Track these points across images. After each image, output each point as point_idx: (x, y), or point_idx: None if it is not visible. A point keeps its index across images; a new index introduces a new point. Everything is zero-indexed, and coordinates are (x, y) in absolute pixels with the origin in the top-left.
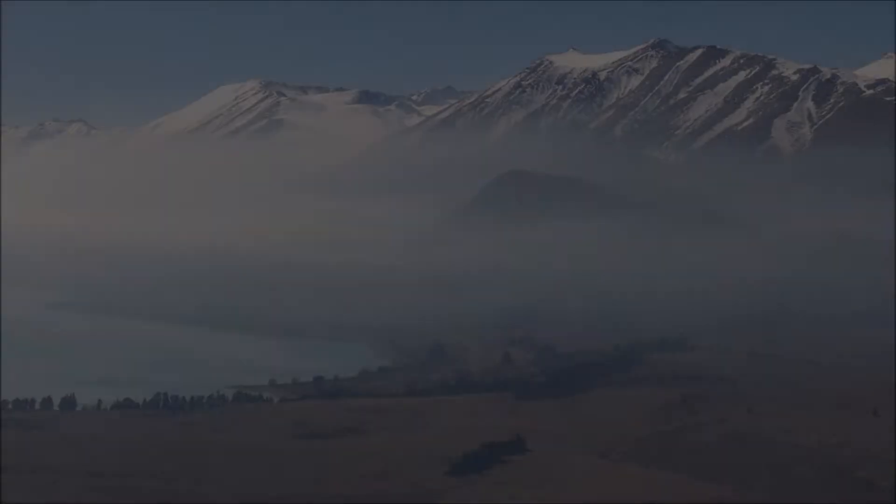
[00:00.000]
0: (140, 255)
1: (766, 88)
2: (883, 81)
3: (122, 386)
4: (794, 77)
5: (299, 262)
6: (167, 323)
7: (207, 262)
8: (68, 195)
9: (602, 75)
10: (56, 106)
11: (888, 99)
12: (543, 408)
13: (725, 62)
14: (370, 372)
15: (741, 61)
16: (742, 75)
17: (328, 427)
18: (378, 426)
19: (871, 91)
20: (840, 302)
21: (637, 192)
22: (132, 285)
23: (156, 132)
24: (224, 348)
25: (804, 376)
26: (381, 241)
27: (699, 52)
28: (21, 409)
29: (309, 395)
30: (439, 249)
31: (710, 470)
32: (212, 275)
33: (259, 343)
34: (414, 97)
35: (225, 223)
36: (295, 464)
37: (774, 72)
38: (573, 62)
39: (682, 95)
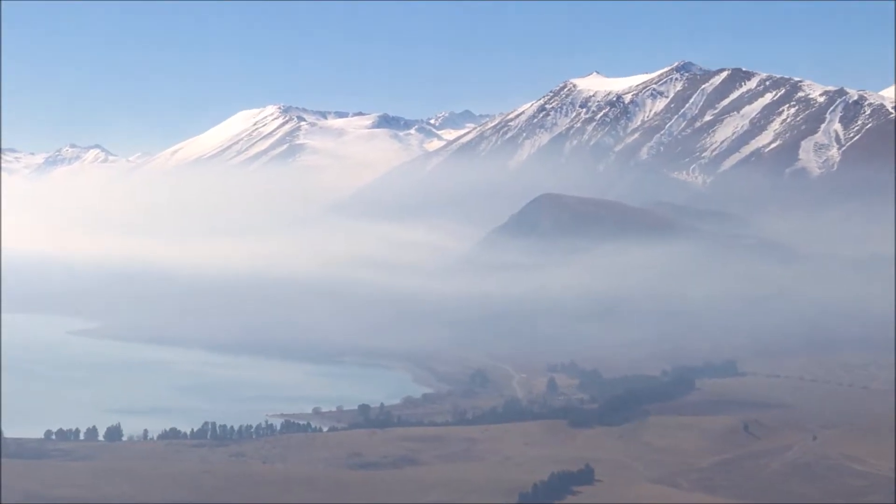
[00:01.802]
0: (166, 280)
1: (793, 110)
2: None
3: (158, 414)
4: (821, 99)
5: (331, 286)
6: (201, 350)
7: (237, 288)
8: (89, 221)
9: (626, 98)
10: (73, 132)
11: None
12: (600, 435)
13: (751, 84)
14: (414, 399)
15: (767, 83)
16: (768, 97)
17: (382, 457)
18: (433, 455)
19: None
20: (879, 325)
21: (670, 215)
22: (160, 312)
23: (174, 158)
24: (262, 375)
25: (858, 401)
26: (415, 265)
27: (724, 74)
28: (65, 439)
29: (357, 424)
30: (475, 274)
31: (780, 499)
32: (243, 301)
33: (296, 370)
34: (432, 121)
35: (253, 248)
36: (355, 496)
37: (801, 94)
38: (596, 85)
39: (707, 118)
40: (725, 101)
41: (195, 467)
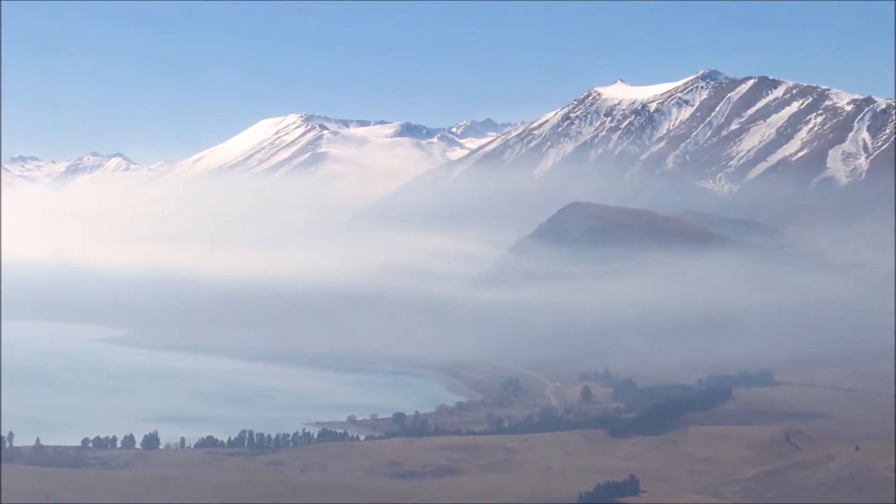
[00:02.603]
0: (192, 289)
1: (820, 119)
2: None
3: (193, 423)
4: (849, 108)
5: (359, 294)
6: (230, 358)
7: (264, 297)
8: (113, 229)
9: (651, 107)
10: (94, 140)
11: None
12: (640, 445)
13: (778, 93)
14: (448, 408)
15: (794, 92)
16: (795, 106)
17: (422, 466)
18: (473, 465)
19: None
20: None
21: (701, 224)
22: (187, 320)
23: (196, 166)
24: (294, 384)
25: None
26: (444, 274)
27: (751, 82)
28: (102, 447)
29: (393, 432)
30: (504, 282)
31: None
32: (271, 309)
33: (327, 378)
34: (454, 129)
35: (280, 257)
36: None
37: (828, 102)
38: (621, 94)
39: (734, 126)
40: (752, 110)
41: (237, 476)
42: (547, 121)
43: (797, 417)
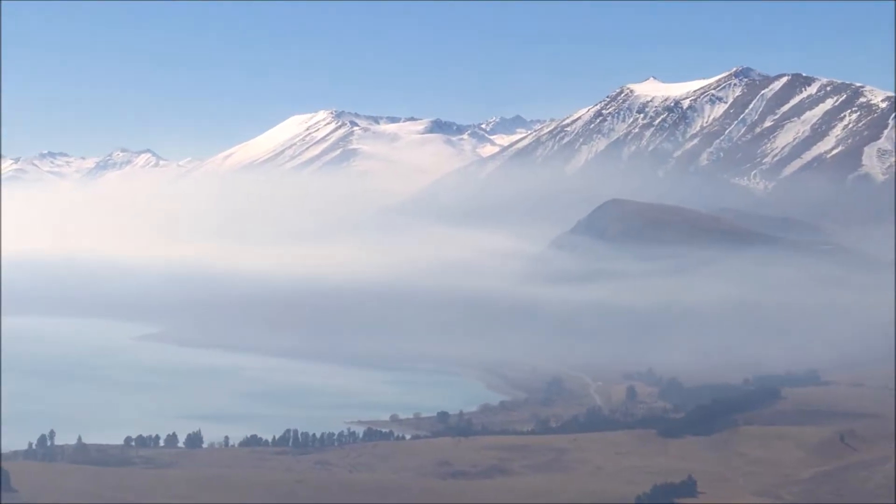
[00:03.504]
0: (226, 286)
1: (855, 116)
2: None
3: (234, 421)
4: (883, 105)
5: (394, 291)
6: (267, 356)
7: (299, 294)
8: (144, 225)
9: (685, 104)
10: (124, 137)
11: None
12: (692, 445)
13: (811, 90)
14: (492, 406)
15: (828, 89)
16: (829, 103)
17: (472, 466)
18: (523, 465)
19: None
20: None
21: (739, 221)
22: (222, 317)
23: (226, 163)
24: (333, 382)
25: None
26: (480, 270)
27: (784, 79)
28: (145, 446)
29: (439, 432)
30: (542, 279)
31: None
32: (306, 306)
33: (366, 376)
34: (483, 126)
35: (314, 253)
36: None
37: (862, 99)
38: (653, 90)
39: (767, 123)
40: (786, 107)
41: (286, 476)
42: (579, 118)
43: (849, 418)
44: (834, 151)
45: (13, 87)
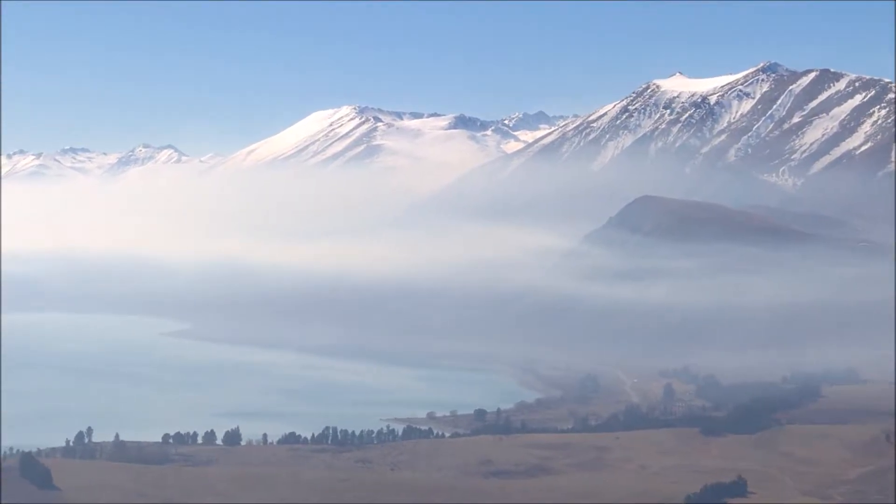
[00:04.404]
0: (254, 282)
1: (884, 112)
2: None
3: (270, 418)
4: None
5: (425, 287)
6: (298, 353)
7: (328, 290)
8: (170, 221)
9: (711, 99)
10: (146, 132)
11: None
12: (735, 444)
13: (840, 85)
14: (528, 404)
15: (856, 84)
16: (858, 99)
17: (515, 465)
18: (565, 464)
19: None
20: None
21: (771, 218)
22: (250, 314)
23: (250, 158)
24: (366, 379)
25: None
26: (512, 266)
27: (812, 75)
28: (183, 443)
29: (478, 429)
30: (574, 276)
31: None
32: (335, 303)
33: (399, 373)
34: (506, 121)
35: (341, 249)
36: None
37: (891, 95)
38: (680, 86)
39: (796, 119)
40: (814, 103)
41: (329, 475)
42: (605, 113)
43: (890, 416)
44: (863, 148)
45: (36, 82)
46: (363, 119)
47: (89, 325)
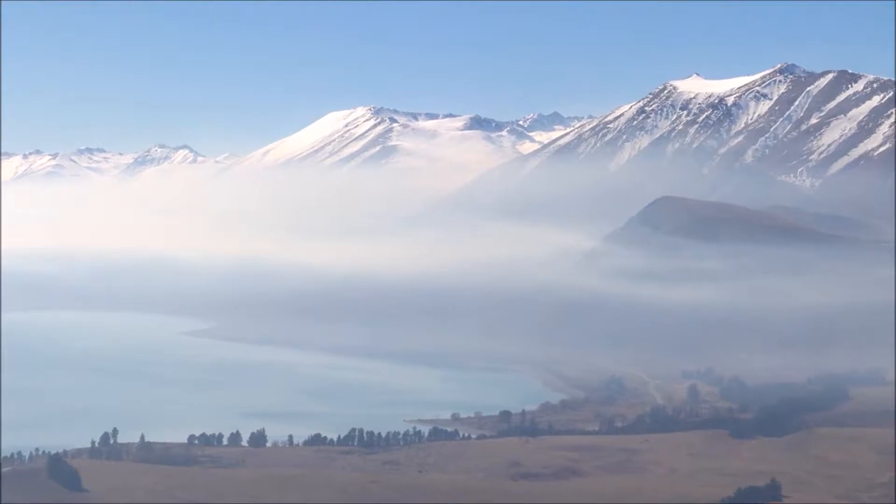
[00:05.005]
0: (273, 282)
1: None
2: None
3: (295, 419)
4: None
5: (445, 287)
6: (319, 353)
7: (347, 290)
8: (189, 221)
9: (729, 100)
10: (161, 132)
11: None
12: (765, 447)
13: (858, 87)
14: (553, 405)
15: (874, 86)
16: (876, 100)
17: (543, 467)
18: (594, 466)
19: None
20: None
21: (791, 219)
22: (271, 313)
23: (265, 159)
24: (388, 380)
25: None
26: (532, 267)
27: (830, 76)
28: (209, 444)
29: (505, 431)
30: (595, 276)
31: None
32: (356, 303)
33: (421, 374)
34: (521, 122)
35: (360, 249)
36: None
37: None
38: (697, 87)
39: (813, 121)
40: (832, 104)
41: (358, 477)
42: (621, 115)
43: None
44: (881, 149)
45: (51, 82)
46: (379, 120)
47: (108, 324)
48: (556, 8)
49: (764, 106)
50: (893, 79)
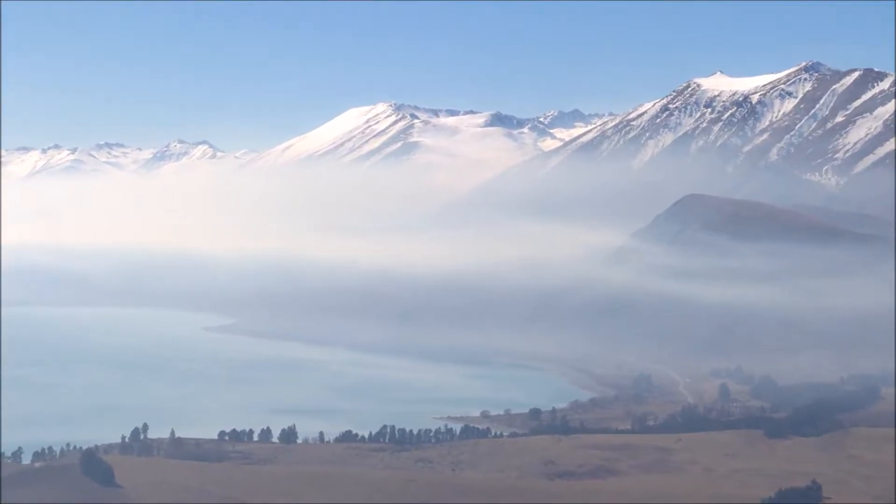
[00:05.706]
0: (295, 278)
1: None
2: None
3: (325, 415)
4: None
5: (471, 284)
6: (344, 349)
7: (371, 286)
8: (209, 217)
9: (753, 98)
10: (180, 128)
11: None
12: (801, 447)
13: (884, 85)
14: (582, 403)
15: None
16: None
17: (578, 466)
18: (629, 465)
19: None
20: None
21: (817, 217)
22: (293, 309)
23: (285, 155)
24: (415, 376)
25: None
26: (559, 265)
27: (856, 74)
28: (239, 440)
29: (536, 429)
30: (622, 274)
31: None
32: (379, 299)
33: (447, 371)
34: (541, 119)
35: (382, 246)
36: None
37: None
38: (721, 85)
39: (839, 119)
40: (857, 102)
41: (392, 475)
42: (644, 112)
43: None
44: None
45: (72, 77)
46: (399, 116)
47: (133, 320)
48: (578, 5)
49: (789, 104)
50: None
